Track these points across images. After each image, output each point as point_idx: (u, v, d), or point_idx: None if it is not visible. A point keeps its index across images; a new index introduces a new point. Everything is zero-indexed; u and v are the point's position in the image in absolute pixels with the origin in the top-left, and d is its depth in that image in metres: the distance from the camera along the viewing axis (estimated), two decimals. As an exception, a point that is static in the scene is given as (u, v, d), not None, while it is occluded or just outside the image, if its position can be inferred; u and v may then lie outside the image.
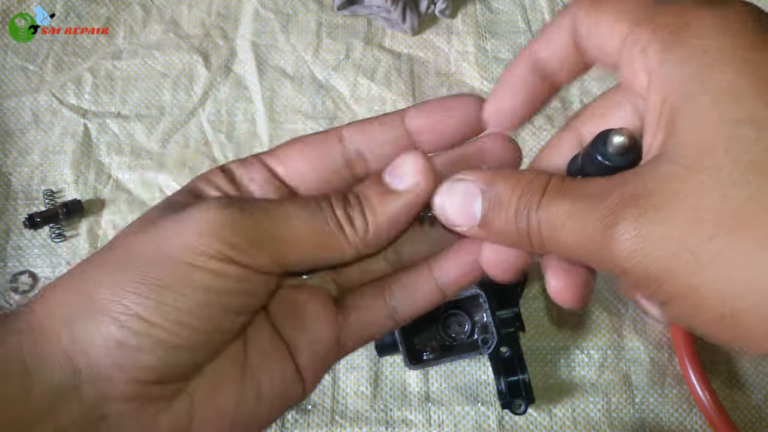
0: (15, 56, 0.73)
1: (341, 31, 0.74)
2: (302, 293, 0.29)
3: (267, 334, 0.28)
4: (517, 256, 0.28)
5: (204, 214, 0.25)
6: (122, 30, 0.74)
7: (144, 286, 0.23)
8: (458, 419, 0.58)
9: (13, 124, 0.70)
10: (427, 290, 0.30)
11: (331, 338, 0.29)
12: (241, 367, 0.27)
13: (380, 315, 0.30)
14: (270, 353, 0.28)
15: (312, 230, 0.26)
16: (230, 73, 0.72)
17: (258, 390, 0.27)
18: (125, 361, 0.23)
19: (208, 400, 0.26)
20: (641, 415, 0.58)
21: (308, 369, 0.29)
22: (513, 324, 0.50)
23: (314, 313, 0.29)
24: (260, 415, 0.28)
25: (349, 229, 0.26)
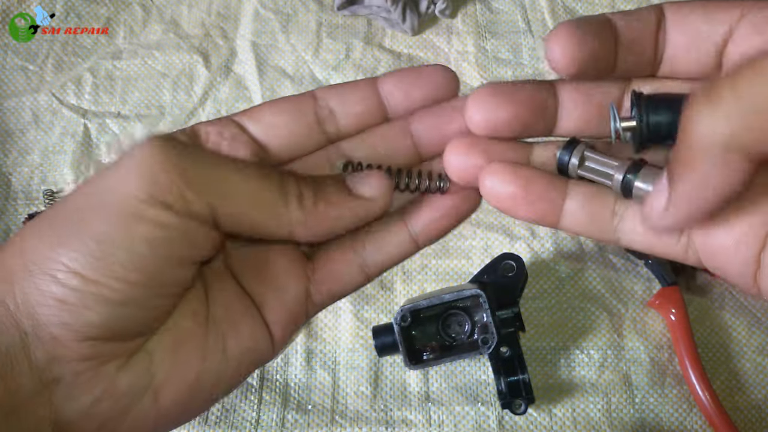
0: (15, 56, 0.73)
1: (341, 31, 0.74)
2: (269, 247, 0.29)
3: (231, 290, 0.28)
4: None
5: (137, 156, 0.23)
6: (122, 30, 0.74)
7: (80, 241, 0.23)
8: (458, 419, 0.58)
9: (13, 124, 0.70)
10: (400, 240, 0.30)
11: (299, 292, 0.29)
12: (203, 324, 0.26)
13: (350, 268, 0.30)
14: (235, 309, 0.27)
15: (253, 189, 0.25)
16: (230, 73, 0.72)
17: (224, 347, 0.27)
18: (70, 319, 0.23)
19: (170, 357, 0.25)
20: (641, 415, 0.58)
21: (277, 325, 0.28)
22: (513, 324, 0.50)
23: (282, 267, 0.28)
24: (228, 373, 0.27)
25: (295, 203, 0.26)
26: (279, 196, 0.26)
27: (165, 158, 0.23)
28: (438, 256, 0.63)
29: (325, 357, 0.60)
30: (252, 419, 0.58)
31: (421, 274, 0.63)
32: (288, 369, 0.60)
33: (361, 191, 0.27)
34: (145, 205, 0.23)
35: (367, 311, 0.62)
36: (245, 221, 0.26)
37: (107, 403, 0.24)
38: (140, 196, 0.23)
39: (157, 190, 0.23)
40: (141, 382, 0.25)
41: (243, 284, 0.28)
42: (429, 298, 0.48)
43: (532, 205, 0.26)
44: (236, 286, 0.28)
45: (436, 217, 0.29)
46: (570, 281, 0.62)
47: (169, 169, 0.23)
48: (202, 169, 0.24)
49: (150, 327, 0.25)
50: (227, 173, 0.25)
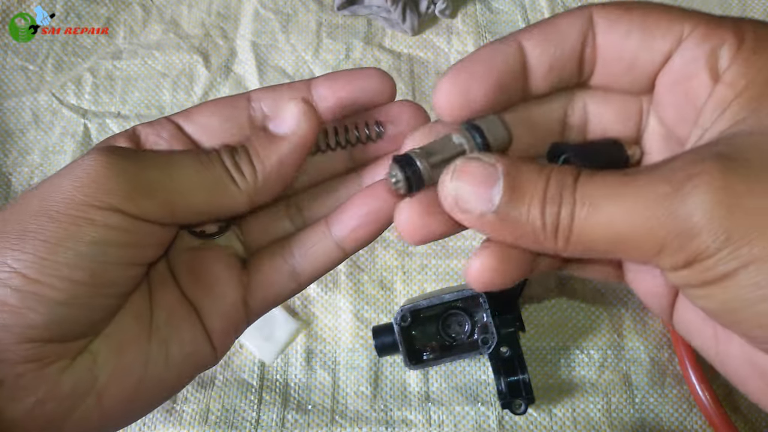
0: (15, 56, 0.73)
1: (341, 31, 0.74)
2: (207, 255, 0.29)
3: (174, 295, 0.28)
4: (440, 224, 0.25)
5: (86, 163, 0.24)
6: (122, 30, 0.74)
7: (25, 242, 0.23)
8: (458, 419, 0.58)
9: (13, 124, 0.70)
10: (325, 247, 0.30)
11: (236, 300, 0.29)
12: (147, 328, 0.27)
13: (281, 275, 0.30)
14: (177, 315, 0.28)
15: (200, 178, 0.26)
16: (230, 73, 0.72)
17: (167, 352, 0.27)
18: (11, 320, 0.23)
19: (114, 358, 0.25)
20: (641, 415, 0.58)
21: (217, 332, 0.29)
22: (513, 324, 0.50)
23: (219, 274, 0.29)
24: (170, 379, 0.27)
25: (239, 177, 0.27)
26: (223, 174, 0.27)
27: (113, 165, 0.24)
28: (438, 256, 0.63)
29: (325, 357, 0.60)
30: (252, 419, 0.58)
31: (421, 274, 0.63)
32: (288, 369, 0.60)
33: (281, 131, 0.28)
34: (94, 209, 0.23)
35: (367, 311, 0.62)
36: (202, 208, 0.27)
37: (51, 404, 0.24)
38: (89, 201, 0.23)
39: (106, 196, 0.23)
40: (85, 383, 0.25)
41: (183, 290, 0.29)
42: (429, 298, 0.48)
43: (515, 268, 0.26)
44: (178, 291, 0.28)
45: (359, 224, 0.29)
46: (570, 281, 0.62)
47: (118, 175, 0.24)
48: (152, 171, 0.25)
49: (94, 328, 0.25)
50: (173, 170, 0.26)
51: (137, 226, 0.25)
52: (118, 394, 0.26)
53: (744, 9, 0.74)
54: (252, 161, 0.27)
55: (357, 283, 0.63)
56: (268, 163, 0.27)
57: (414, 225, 0.25)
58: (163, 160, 0.26)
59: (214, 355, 0.29)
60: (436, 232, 0.25)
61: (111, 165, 0.24)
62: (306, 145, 0.28)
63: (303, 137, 0.28)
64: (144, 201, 0.24)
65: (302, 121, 0.27)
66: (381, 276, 0.63)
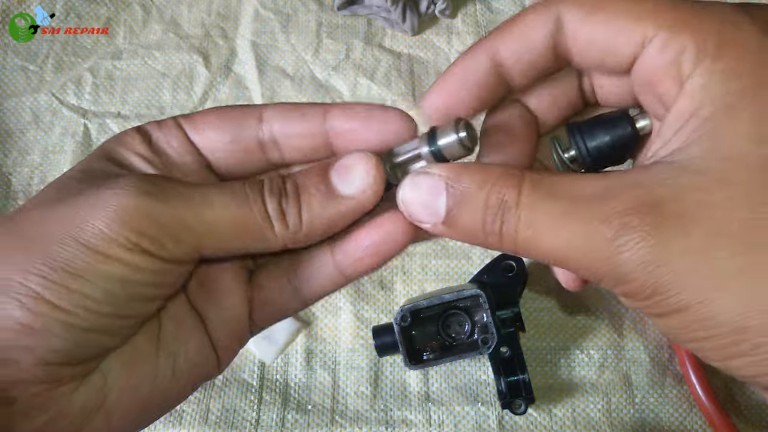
0: (15, 56, 0.73)
1: (341, 31, 0.74)
2: (216, 268, 0.29)
3: (183, 306, 0.28)
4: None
5: (119, 199, 0.23)
6: (122, 30, 0.74)
7: (51, 270, 0.23)
8: (458, 419, 0.58)
9: (13, 124, 0.70)
10: (328, 272, 0.29)
11: (243, 314, 0.29)
12: (155, 342, 0.26)
13: (285, 294, 0.30)
14: (185, 326, 0.27)
15: (236, 221, 0.25)
16: (230, 73, 0.72)
17: (174, 364, 0.27)
18: (32, 343, 0.23)
19: (124, 376, 0.25)
20: (641, 415, 0.58)
21: (222, 344, 0.28)
22: (513, 324, 0.50)
23: (227, 288, 0.28)
24: (176, 390, 0.27)
25: (280, 225, 0.25)
26: (262, 219, 0.25)
27: (145, 204, 0.23)
28: (438, 256, 0.63)
29: (325, 357, 0.60)
30: (252, 419, 0.58)
31: (421, 274, 0.63)
32: (288, 369, 0.60)
33: (346, 191, 0.26)
34: (122, 249, 0.23)
35: (367, 311, 0.62)
36: (232, 249, 0.26)
37: (61, 422, 0.24)
38: (120, 240, 0.23)
39: (136, 237, 0.23)
40: (94, 402, 0.25)
41: (192, 300, 0.28)
42: (429, 298, 0.48)
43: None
44: (185, 302, 0.28)
45: (363, 255, 0.28)
46: (570, 281, 0.62)
47: (149, 216, 0.23)
48: (183, 212, 0.24)
49: (110, 350, 0.25)
50: (207, 211, 0.25)
51: (165, 267, 0.24)
52: (126, 411, 0.26)
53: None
54: (301, 213, 0.26)
55: (357, 283, 0.63)
56: (318, 220, 0.26)
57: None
58: (198, 200, 0.25)
59: (218, 365, 0.29)
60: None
61: (142, 203, 0.23)
62: (365, 212, 0.26)
63: (366, 204, 0.26)
64: (173, 245, 0.24)
65: (371, 187, 0.26)
66: (381, 276, 0.63)
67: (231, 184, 0.26)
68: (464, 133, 0.25)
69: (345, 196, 0.26)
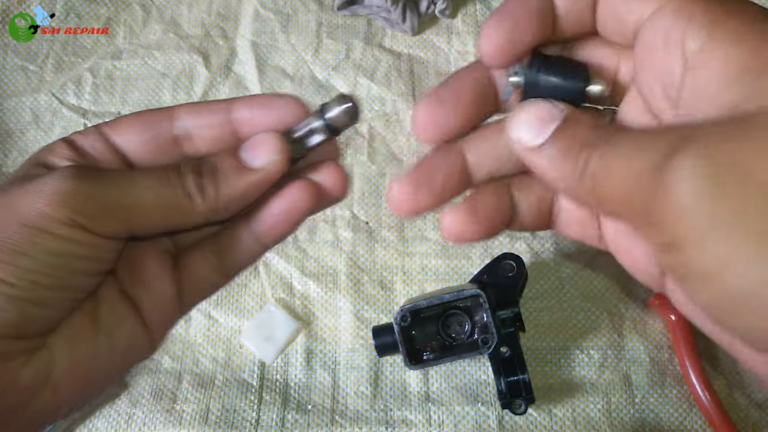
0: (15, 56, 0.73)
1: (341, 31, 0.74)
2: (142, 252, 0.31)
3: (115, 291, 0.30)
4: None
5: (56, 182, 0.26)
6: (122, 30, 0.74)
7: (0, 251, 0.25)
8: (458, 419, 0.58)
9: (13, 124, 0.70)
10: (247, 243, 0.32)
11: (171, 295, 0.31)
12: (94, 322, 0.29)
13: (210, 271, 0.32)
14: (119, 309, 0.30)
15: (160, 199, 0.28)
16: (230, 73, 0.72)
17: (111, 344, 0.29)
18: None
19: (67, 351, 0.27)
20: (641, 415, 0.58)
21: (154, 325, 0.31)
22: (513, 324, 0.50)
23: (154, 271, 0.31)
24: (114, 368, 0.30)
25: (199, 199, 0.28)
26: (183, 196, 0.28)
27: (80, 186, 0.26)
28: (438, 256, 0.63)
29: (325, 357, 0.60)
30: (252, 419, 0.58)
31: (421, 274, 0.63)
32: (288, 369, 0.60)
33: (255, 164, 0.29)
34: (62, 225, 0.26)
35: (367, 311, 0.62)
36: (159, 226, 0.29)
37: (11, 395, 0.26)
38: (58, 217, 0.26)
39: (73, 214, 0.26)
40: (42, 376, 0.27)
41: (122, 285, 0.30)
42: (429, 298, 0.48)
43: (487, 228, 0.30)
44: (117, 287, 0.30)
45: (275, 221, 0.31)
46: (570, 281, 0.62)
47: (84, 195, 0.26)
48: (114, 192, 0.27)
49: (55, 325, 0.27)
50: (134, 191, 0.28)
51: (100, 242, 0.27)
52: (71, 384, 0.28)
53: (744, 9, 0.74)
54: (216, 185, 0.29)
55: (357, 283, 0.63)
56: (232, 191, 0.29)
57: (404, 197, 0.29)
58: (127, 182, 0.28)
59: (151, 346, 0.31)
60: (425, 205, 0.29)
61: (79, 185, 0.26)
62: (273, 181, 0.30)
63: (273, 174, 0.29)
64: (107, 220, 0.27)
65: (276, 158, 0.29)
66: (381, 276, 0.63)
67: (154, 167, 0.30)
68: (350, 104, 0.29)
69: (255, 169, 0.29)
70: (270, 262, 0.64)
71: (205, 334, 0.62)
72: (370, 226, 0.65)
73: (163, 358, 0.61)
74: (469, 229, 0.29)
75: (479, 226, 0.29)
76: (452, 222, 0.29)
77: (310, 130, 0.30)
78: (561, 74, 0.27)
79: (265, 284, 0.63)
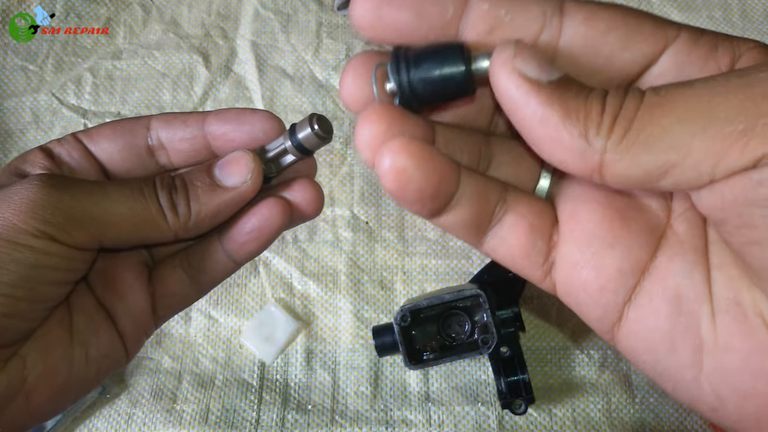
0: (15, 56, 0.73)
1: (341, 31, 0.74)
2: (117, 262, 0.31)
3: (90, 302, 0.30)
4: None
5: (25, 192, 0.26)
6: (122, 30, 0.74)
7: None
8: (458, 419, 0.58)
9: (13, 124, 0.70)
10: (219, 259, 0.32)
11: (146, 308, 0.31)
12: (68, 332, 0.29)
13: (183, 285, 0.32)
14: (95, 321, 0.30)
15: (132, 213, 0.28)
16: (230, 73, 0.72)
17: (86, 353, 0.29)
18: None
19: (41, 361, 0.28)
20: (641, 415, 0.58)
21: (129, 335, 0.31)
22: (513, 324, 0.50)
23: (130, 282, 0.31)
24: (89, 377, 0.30)
25: (171, 216, 0.28)
26: (155, 212, 0.28)
27: (50, 196, 0.26)
28: (438, 256, 0.63)
29: (325, 357, 0.60)
30: (252, 419, 0.58)
31: (421, 274, 0.63)
32: (288, 369, 0.60)
33: (228, 183, 0.29)
34: (32, 237, 0.26)
35: (367, 311, 0.62)
36: (130, 239, 0.29)
37: None
38: (28, 229, 0.26)
39: (43, 225, 0.26)
40: (15, 385, 0.27)
41: (98, 296, 0.31)
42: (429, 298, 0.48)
43: (428, 182, 0.22)
44: (93, 298, 0.30)
45: (247, 240, 0.31)
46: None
47: (54, 206, 0.26)
48: (85, 203, 0.27)
49: (27, 335, 0.27)
50: (106, 204, 0.28)
51: (70, 253, 0.27)
52: (45, 393, 0.28)
53: (744, 8, 0.74)
54: (189, 203, 0.29)
55: (357, 283, 0.63)
56: (205, 209, 0.29)
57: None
58: (99, 193, 0.28)
59: (126, 356, 0.31)
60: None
61: (48, 196, 0.26)
62: (246, 200, 0.29)
63: (246, 193, 0.29)
64: (77, 232, 0.27)
65: (250, 178, 0.29)
66: (381, 276, 0.63)
67: (127, 180, 0.30)
68: (317, 126, 0.29)
69: (228, 188, 0.29)
70: (270, 262, 0.64)
71: (205, 334, 0.62)
72: (370, 226, 0.65)
73: (163, 358, 0.61)
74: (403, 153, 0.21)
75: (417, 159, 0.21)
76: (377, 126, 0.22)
77: (284, 149, 0.30)
78: (433, 60, 0.21)
79: (265, 284, 0.63)
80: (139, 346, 0.32)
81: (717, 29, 0.76)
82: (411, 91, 0.22)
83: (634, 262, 0.23)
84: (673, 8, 0.74)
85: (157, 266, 0.32)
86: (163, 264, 0.32)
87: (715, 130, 0.18)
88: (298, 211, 0.31)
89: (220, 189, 0.29)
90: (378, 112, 0.22)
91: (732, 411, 0.21)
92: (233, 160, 0.29)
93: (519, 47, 0.20)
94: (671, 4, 0.74)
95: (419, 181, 0.21)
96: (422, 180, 0.21)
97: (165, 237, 0.29)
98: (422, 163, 0.21)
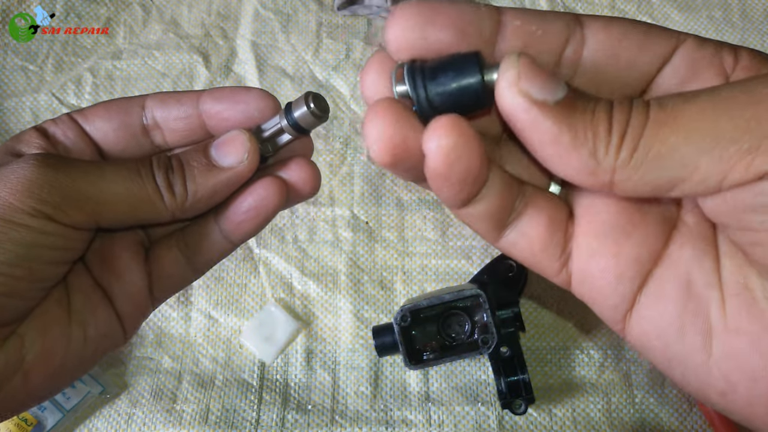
0: (15, 56, 0.73)
1: (341, 31, 0.74)
2: (114, 242, 0.31)
3: (88, 281, 0.30)
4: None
5: (20, 171, 0.26)
6: (122, 30, 0.74)
7: None
8: (458, 419, 0.58)
9: (13, 124, 0.70)
10: (214, 239, 0.32)
11: (143, 288, 0.31)
12: (66, 311, 0.29)
13: (179, 265, 0.32)
14: (92, 300, 0.30)
15: (129, 193, 0.28)
16: (230, 73, 0.72)
17: (84, 333, 0.29)
18: None
19: (39, 340, 0.28)
20: (641, 415, 0.58)
21: (126, 315, 0.31)
22: (513, 324, 0.50)
23: (127, 262, 0.31)
24: (87, 357, 0.30)
25: (168, 196, 0.28)
26: (152, 192, 0.28)
27: (46, 175, 0.26)
28: (438, 256, 0.63)
29: (325, 357, 0.60)
30: (252, 419, 0.58)
31: (421, 274, 0.63)
32: (288, 369, 0.60)
33: (224, 163, 0.29)
34: (29, 217, 0.26)
35: (367, 311, 0.62)
36: (126, 219, 0.29)
37: None
38: (25, 209, 0.26)
39: (40, 205, 0.26)
40: (13, 363, 0.27)
41: (95, 276, 0.31)
42: (429, 298, 0.48)
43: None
44: (90, 278, 0.30)
45: (243, 219, 0.31)
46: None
47: (51, 185, 0.26)
48: (82, 183, 0.27)
49: (25, 314, 0.28)
50: (103, 183, 0.28)
51: (67, 232, 0.27)
52: (43, 372, 0.28)
53: (744, 8, 0.74)
54: (186, 183, 0.29)
55: (357, 283, 0.63)
56: (201, 189, 0.29)
57: (387, 136, 0.21)
58: (95, 173, 0.28)
59: (124, 336, 0.31)
60: (411, 147, 0.22)
61: (44, 175, 0.26)
62: (243, 180, 0.29)
63: (242, 173, 0.29)
64: (73, 211, 0.27)
65: (246, 158, 0.29)
66: (381, 276, 0.63)
67: (124, 160, 0.30)
68: (313, 105, 0.28)
69: (225, 168, 0.29)
70: (270, 262, 0.64)
71: (205, 334, 0.62)
72: (370, 226, 0.65)
73: (163, 358, 0.61)
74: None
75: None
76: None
77: (280, 128, 0.30)
78: (449, 74, 0.21)
79: (265, 284, 0.63)
80: (137, 326, 0.32)
81: (717, 29, 0.77)
82: (429, 105, 0.22)
83: (650, 250, 0.23)
84: (673, 8, 0.74)
85: (153, 246, 0.32)
86: (160, 244, 0.32)
87: (721, 149, 0.19)
88: (294, 191, 0.31)
89: (216, 169, 0.29)
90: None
91: (742, 394, 0.22)
92: (229, 140, 0.29)
93: (523, 65, 0.20)
94: (671, 4, 0.74)
95: (467, 160, 0.21)
96: (471, 159, 0.21)
97: (162, 217, 0.29)
98: (471, 142, 0.21)
